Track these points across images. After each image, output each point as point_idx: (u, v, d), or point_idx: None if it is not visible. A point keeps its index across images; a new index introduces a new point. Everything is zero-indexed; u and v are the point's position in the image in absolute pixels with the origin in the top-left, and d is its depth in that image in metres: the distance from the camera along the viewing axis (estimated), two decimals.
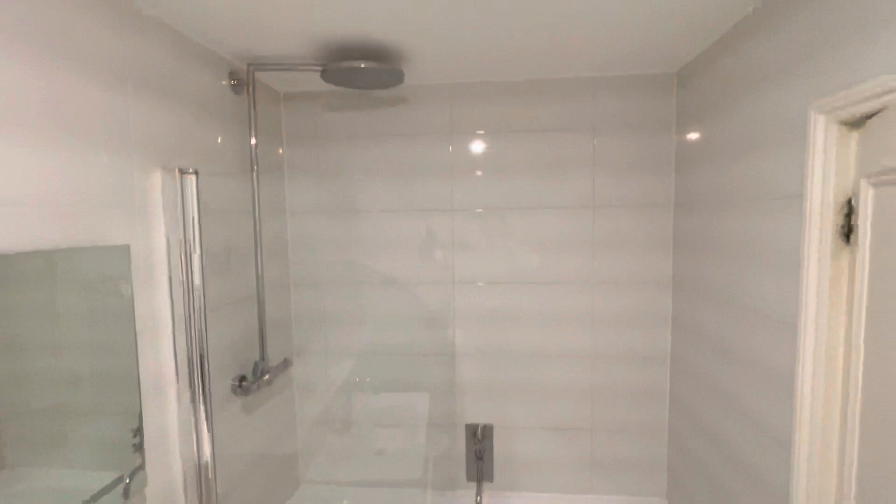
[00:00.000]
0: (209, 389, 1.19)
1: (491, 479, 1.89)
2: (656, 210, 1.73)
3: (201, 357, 1.18)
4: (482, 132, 1.78)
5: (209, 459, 1.18)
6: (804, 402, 0.96)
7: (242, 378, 1.45)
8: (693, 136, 1.56)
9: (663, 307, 1.76)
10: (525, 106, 1.74)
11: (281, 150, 1.83)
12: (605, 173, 1.73)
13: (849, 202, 0.87)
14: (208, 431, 1.18)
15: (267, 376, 1.57)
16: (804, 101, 0.97)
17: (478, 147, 1.78)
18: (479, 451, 1.84)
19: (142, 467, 1.05)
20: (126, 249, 1.00)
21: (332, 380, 1.92)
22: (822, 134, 0.89)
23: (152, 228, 1.12)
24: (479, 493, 1.78)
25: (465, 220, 1.80)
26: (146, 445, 1.07)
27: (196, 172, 1.14)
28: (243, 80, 1.49)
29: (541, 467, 1.87)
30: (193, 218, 1.15)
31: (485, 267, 1.81)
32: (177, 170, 1.14)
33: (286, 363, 1.69)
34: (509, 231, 1.79)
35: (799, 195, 0.99)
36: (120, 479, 0.99)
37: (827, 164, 0.89)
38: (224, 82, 1.45)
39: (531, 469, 1.87)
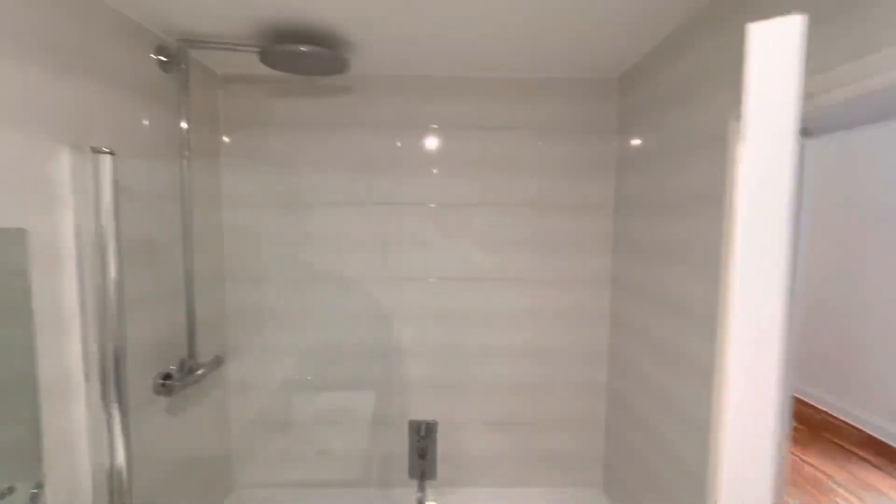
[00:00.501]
0: (124, 389, 1.09)
1: (434, 475, 1.88)
2: (597, 211, 1.79)
3: (116, 354, 1.08)
4: (435, 126, 1.76)
5: (123, 466, 1.09)
6: (721, 395, 1.02)
7: (167, 377, 1.35)
8: (632, 140, 1.63)
9: (603, 305, 1.82)
10: (474, 103, 1.74)
11: (218, 136, 1.73)
12: (551, 174, 1.77)
13: None
14: (122, 435, 1.09)
15: (200, 371, 1.47)
16: (726, 111, 1.03)
17: (427, 142, 1.77)
18: (422, 448, 1.83)
19: (39, 476, 0.95)
20: (21, 234, 0.89)
21: (270, 379, 1.83)
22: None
23: (58, 212, 1.01)
24: (420, 489, 1.77)
25: (413, 216, 1.78)
26: (46, 453, 0.97)
27: (112, 152, 1.05)
28: (174, 57, 1.39)
29: (483, 462, 1.88)
30: (109, 202, 1.05)
31: (431, 264, 1.80)
32: (89, 148, 1.04)
33: (218, 361, 1.59)
34: (456, 228, 1.79)
35: (722, 199, 1.05)
36: (10, 490, 0.88)
37: None
38: (151, 57, 1.34)
39: (474, 464, 1.88)
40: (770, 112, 0.47)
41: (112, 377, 1.09)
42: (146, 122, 1.32)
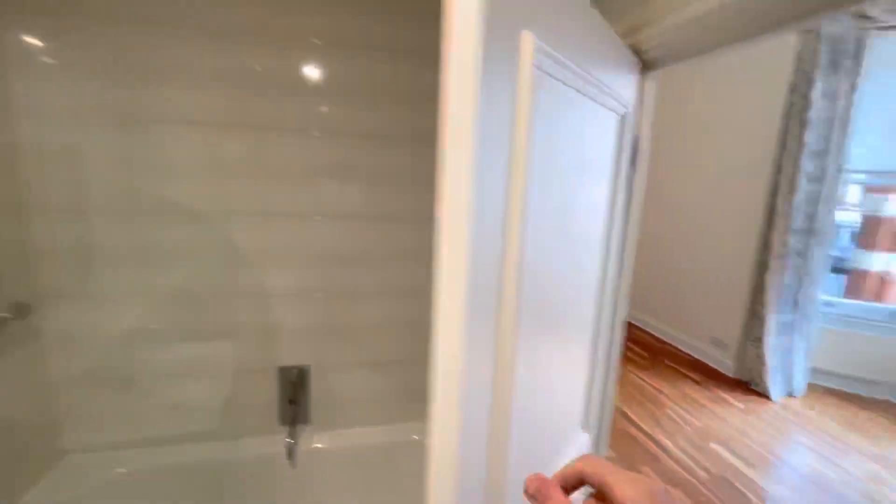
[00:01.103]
0: None
1: (307, 420, 1.82)
2: (422, 146, 1.72)
3: None
4: (318, 42, 1.53)
5: None
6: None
7: None
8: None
9: None
10: (333, 15, 1.55)
11: None
12: (380, 104, 1.66)
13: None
14: None
15: None
16: None
17: (299, 61, 1.54)
18: (294, 393, 1.75)
19: None
20: None
21: (106, 329, 1.57)
22: None
23: None
24: (290, 435, 1.70)
25: (276, 142, 1.59)
26: None
27: None
28: None
29: (359, 403, 1.87)
30: None
31: (295, 199, 1.64)
32: None
33: (22, 309, 1.31)
34: (334, 163, 1.64)
35: None
36: None
37: None
38: None
39: (349, 406, 1.86)
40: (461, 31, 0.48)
41: None
42: None
